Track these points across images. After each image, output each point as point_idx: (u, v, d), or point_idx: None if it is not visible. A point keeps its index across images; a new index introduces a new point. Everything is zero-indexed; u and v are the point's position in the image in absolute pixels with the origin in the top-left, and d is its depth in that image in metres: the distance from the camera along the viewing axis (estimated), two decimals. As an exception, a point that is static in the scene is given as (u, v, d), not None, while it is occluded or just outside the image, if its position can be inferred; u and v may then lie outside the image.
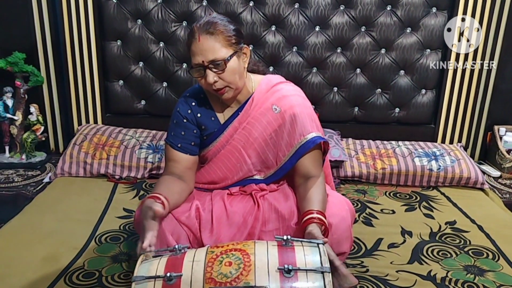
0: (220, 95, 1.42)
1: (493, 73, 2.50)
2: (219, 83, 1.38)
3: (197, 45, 1.34)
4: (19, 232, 1.71)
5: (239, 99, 1.50)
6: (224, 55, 1.35)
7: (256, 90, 1.51)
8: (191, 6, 2.41)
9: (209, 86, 1.39)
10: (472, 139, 2.64)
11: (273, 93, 1.50)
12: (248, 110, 1.49)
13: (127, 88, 2.56)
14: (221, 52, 1.34)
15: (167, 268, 1.03)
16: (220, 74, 1.36)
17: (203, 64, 1.35)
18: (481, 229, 1.85)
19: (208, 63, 1.34)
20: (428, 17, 2.43)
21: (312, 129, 1.45)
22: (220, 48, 1.35)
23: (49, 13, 2.41)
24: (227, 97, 1.43)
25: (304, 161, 1.45)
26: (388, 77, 2.52)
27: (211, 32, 1.34)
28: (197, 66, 1.37)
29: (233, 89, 1.41)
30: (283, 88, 1.52)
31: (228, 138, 1.51)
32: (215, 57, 1.34)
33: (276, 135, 1.47)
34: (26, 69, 2.35)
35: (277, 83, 1.53)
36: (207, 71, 1.36)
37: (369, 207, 2.04)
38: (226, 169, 1.53)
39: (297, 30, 2.44)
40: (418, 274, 1.51)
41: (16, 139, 2.42)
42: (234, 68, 1.38)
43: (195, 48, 1.35)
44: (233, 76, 1.38)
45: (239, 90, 1.46)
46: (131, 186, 2.19)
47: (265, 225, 1.42)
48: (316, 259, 1.02)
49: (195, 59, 1.36)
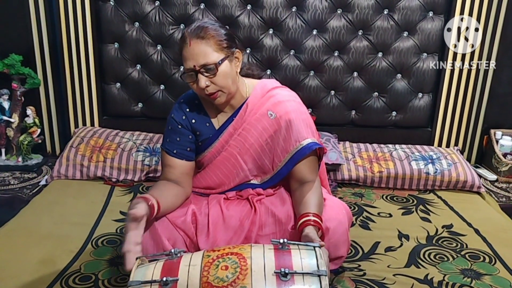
0: (213, 99, 1.41)
1: (490, 77, 2.51)
2: (211, 88, 1.37)
3: (188, 50, 1.34)
4: (15, 235, 1.70)
5: (233, 104, 1.50)
6: (216, 59, 1.35)
7: (251, 95, 1.50)
8: (189, 9, 2.41)
9: (201, 91, 1.38)
10: (469, 142, 2.65)
11: (268, 98, 1.50)
12: (243, 116, 1.49)
13: (124, 91, 2.55)
14: (212, 56, 1.34)
15: (163, 272, 1.02)
16: (212, 78, 1.36)
17: (194, 68, 1.35)
18: (477, 232, 1.86)
19: (200, 67, 1.34)
20: (425, 21, 2.44)
21: (308, 135, 1.45)
22: (211, 52, 1.34)
23: (46, 15, 2.41)
24: (220, 102, 1.43)
25: (300, 166, 1.45)
26: (385, 80, 2.53)
27: (202, 36, 1.34)
28: (189, 71, 1.36)
29: (226, 94, 1.41)
30: (279, 93, 1.52)
31: (223, 144, 1.51)
32: (206, 61, 1.34)
33: (272, 140, 1.47)
34: (23, 71, 2.35)
35: (272, 88, 1.53)
36: (199, 75, 1.35)
37: (366, 211, 2.04)
38: (222, 175, 1.53)
39: (295, 34, 2.44)
40: (415, 277, 1.51)
41: (12, 142, 2.41)
42: (226, 72, 1.37)
43: (186, 53, 1.35)
44: (225, 80, 1.38)
45: (232, 95, 1.45)
46: (128, 189, 2.18)
47: (261, 229, 1.42)
48: (312, 262, 1.02)
49: (186, 64, 1.36)
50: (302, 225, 1.27)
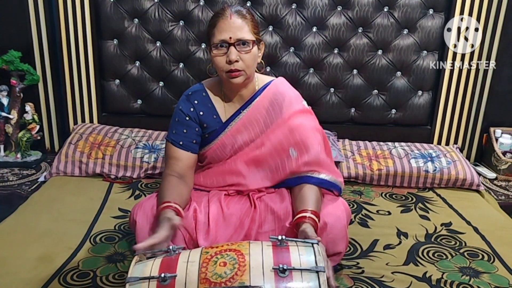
0: (233, 77, 1.42)
1: (489, 74, 2.50)
2: (239, 64, 1.40)
3: (227, 22, 1.38)
4: (13, 231, 1.69)
5: (243, 95, 1.51)
6: (251, 38, 1.40)
7: (262, 96, 1.52)
8: (188, 6, 2.41)
9: (226, 65, 1.40)
10: (468, 140, 2.65)
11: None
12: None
13: (123, 88, 2.55)
14: (249, 35, 1.39)
15: (162, 268, 1.03)
16: (243, 54, 1.39)
17: (229, 40, 1.37)
18: (476, 230, 1.85)
19: (236, 41, 1.38)
20: (425, 19, 2.43)
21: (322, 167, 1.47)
22: (247, 31, 1.40)
23: (45, 11, 2.40)
24: (238, 82, 1.44)
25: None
26: (385, 78, 2.52)
27: (243, 15, 1.40)
28: (222, 42, 1.39)
29: (247, 76, 1.44)
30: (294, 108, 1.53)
31: (228, 136, 1.51)
32: (243, 36, 1.38)
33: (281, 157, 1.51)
34: (21, 68, 2.34)
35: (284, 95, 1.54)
36: (231, 48, 1.38)
37: (365, 208, 2.04)
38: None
39: (294, 31, 2.44)
40: (413, 275, 1.51)
41: (11, 138, 2.41)
42: (255, 55, 1.43)
43: (223, 25, 1.38)
44: (253, 61, 1.42)
45: (249, 81, 1.48)
46: (127, 186, 2.18)
47: (261, 226, 1.42)
48: (310, 259, 1.02)
49: (221, 35, 1.38)
50: (298, 220, 1.28)
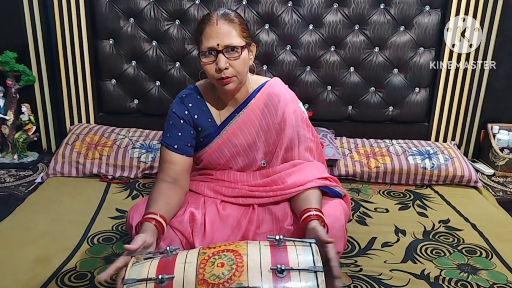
0: (225, 84, 1.38)
1: (487, 71, 2.50)
2: (229, 71, 1.35)
3: (214, 28, 1.33)
4: (10, 232, 1.69)
5: (237, 98, 1.48)
6: (240, 43, 1.35)
7: (256, 98, 1.49)
8: (184, 5, 2.40)
9: (216, 73, 1.36)
10: (466, 137, 2.65)
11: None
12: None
13: (119, 87, 2.54)
14: (237, 40, 1.35)
15: (159, 270, 1.02)
16: (233, 61, 1.35)
17: (217, 47, 1.33)
18: (474, 227, 1.86)
19: (224, 47, 1.33)
20: (422, 16, 2.43)
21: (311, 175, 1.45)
22: (236, 36, 1.35)
23: (41, 11, 2.39)
24: (231, 88, 1.40)
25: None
26: (382, 75, 2.52)
27: (230, 19, 1.35)
28: (210, 50, 1.34)
29: (238, 81, 1.40)
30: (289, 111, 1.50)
31: (225, 141, 1.50)
32: (231, 42, 1.33)
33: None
34: (17, 68, 2.33)
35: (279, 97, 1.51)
36: (220, 55, 1.33)
37: (363, 206, 2.04)
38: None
39: (291, 29, 2.43)
40: (411, 273, 1.51)
41: (7, 139, 2.40)
42: (245, 59, 1.38)
43: (210, 31, 1.33)
44: (243, 66, 1.38)
45: (242, 85, 1.45)
46: (124, 186, 2.17)
47: (259, 227, 1.41)
48: (308, 259, 1.02)
49: (208, 42, 1.34)
50: (307, 219, 1.25)
